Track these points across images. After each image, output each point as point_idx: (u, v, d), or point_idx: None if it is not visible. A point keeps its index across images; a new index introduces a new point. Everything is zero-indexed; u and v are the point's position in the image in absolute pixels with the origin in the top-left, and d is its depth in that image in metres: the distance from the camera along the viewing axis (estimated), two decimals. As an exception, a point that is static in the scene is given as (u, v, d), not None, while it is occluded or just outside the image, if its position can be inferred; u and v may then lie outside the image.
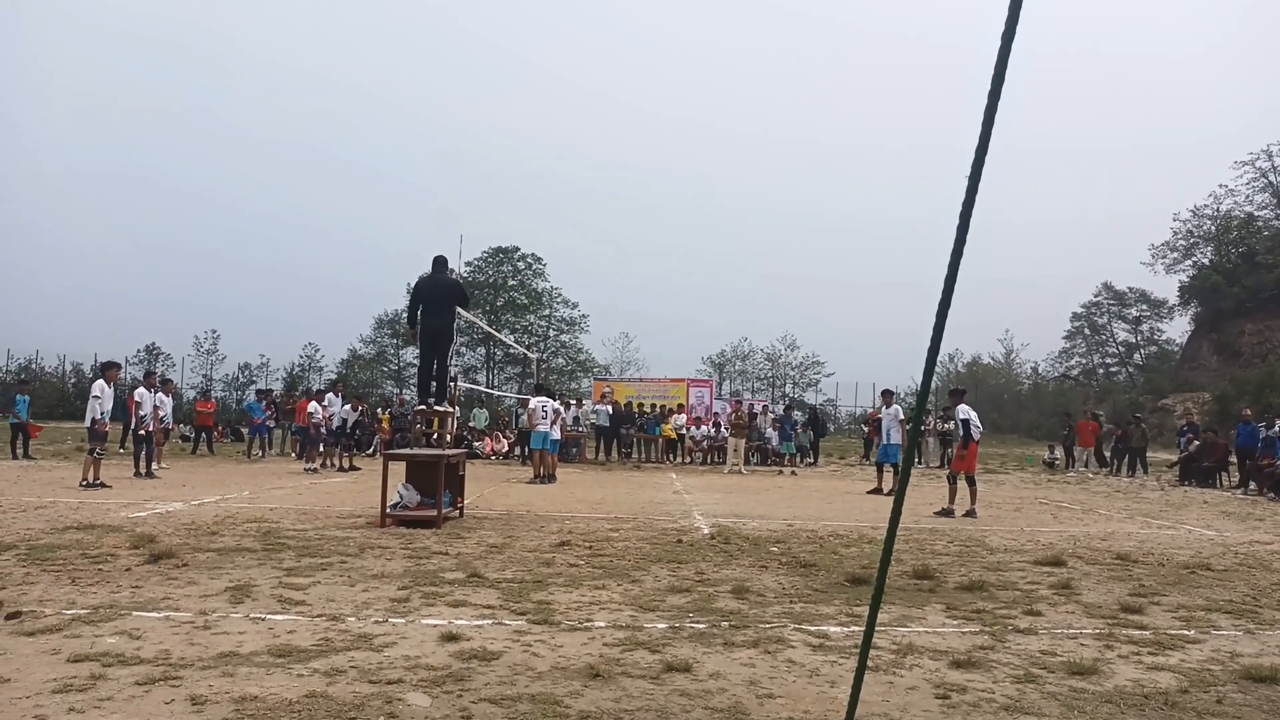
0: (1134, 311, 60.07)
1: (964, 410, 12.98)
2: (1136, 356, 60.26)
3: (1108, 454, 25.10)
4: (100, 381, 14.27)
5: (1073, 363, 61.88)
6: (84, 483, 12.86)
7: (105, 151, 76.45)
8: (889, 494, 15.46)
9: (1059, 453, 26.96)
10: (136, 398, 15.54)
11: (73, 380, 47.07)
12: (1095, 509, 14.19)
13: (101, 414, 13.78)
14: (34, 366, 46.44)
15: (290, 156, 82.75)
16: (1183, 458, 21.87)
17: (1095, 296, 60.46)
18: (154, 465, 15.34)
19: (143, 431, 15.18)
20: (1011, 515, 12.87)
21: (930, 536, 10.03)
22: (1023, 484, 19.76)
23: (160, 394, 16.49)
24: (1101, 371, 61.10)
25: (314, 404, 18.74)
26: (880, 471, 16.28)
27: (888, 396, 16.85)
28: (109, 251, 73.20)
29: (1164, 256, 54.83)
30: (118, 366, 16.17)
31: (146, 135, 78.93)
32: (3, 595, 5.67)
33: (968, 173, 2.60)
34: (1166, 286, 57.47)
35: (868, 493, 15.87)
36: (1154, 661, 4.97)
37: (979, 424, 12.99)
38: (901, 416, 15.99)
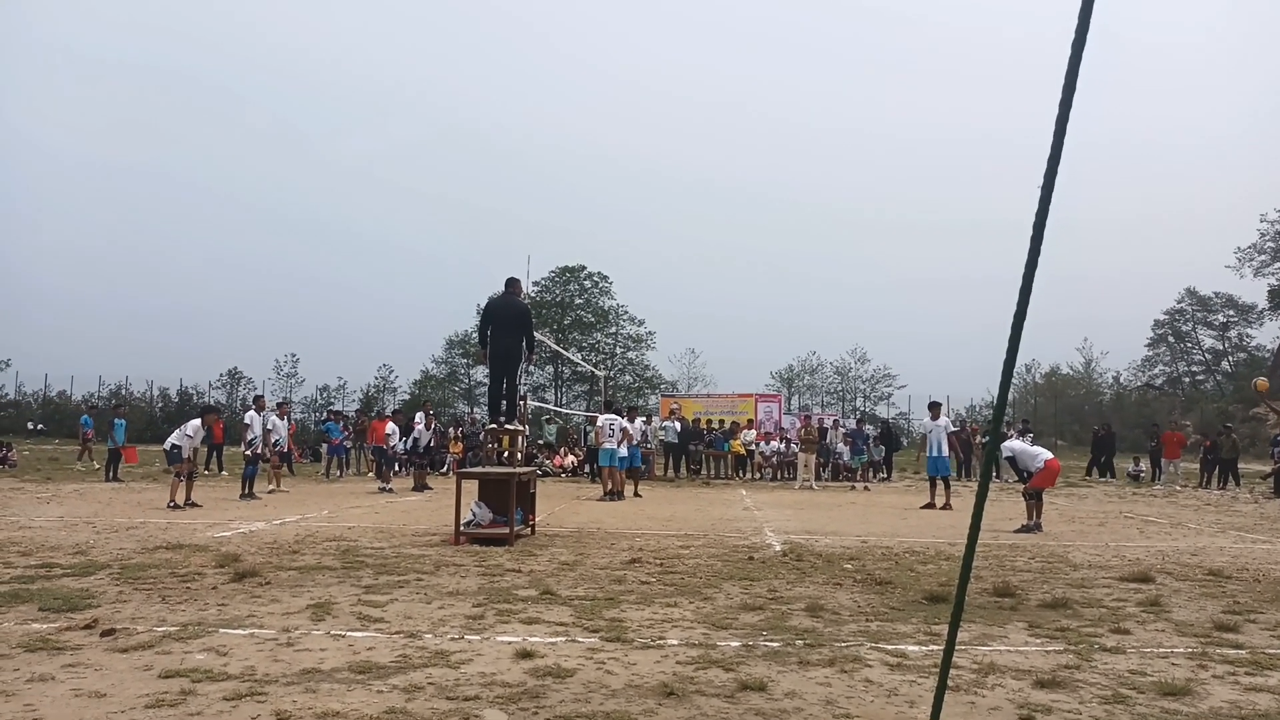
0: (1220, 317, 57.76)
1: (1007, 448, 12.78)
2: (1224, 364, 57.91)
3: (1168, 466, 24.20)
4: (263, 413, 16.53)
5: (1156, 371, 59.81)
6: (172, 504, 13.29)
7: (188, 173, 79.23)
8: (943, 508, 15.18)
9: (1144, 465, 26.09)
10: (247, 420, 16.17)
11: (160, 404, 48.82)
12: (1184, 523, 13.67)
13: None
14: (124, 392, 48.27)
15: (367, 177, 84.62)
16: (1277, 469, 20.99)
17: (1178, 302, 58.38)
18: (254, 488, 15.78)
19: (250, 453, 15.71)
20: (1095, 530, 12.47)
21: (1011, 553, 9.78)
22: (1106, 498, 19.14)
23: (274, 416, 17.09)
24: (1188, 380, 58.92)
25: (421, 421, 19.44)
26: (933, 486, 15.96)
27: (935, 409, 16.56)
28: (194, 277, 75.88)
29: (1251, 259, 52.74)
30: (261, 397, 17.73)
31: (229, 154, 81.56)
32: (98, 613, 5.90)
33: (1040, 183, 2.55)
34: (1255, 291, 55.20)
35: (921, 508, 15.54)
36: (1251, 682, 4.76)
37: (1034, 450, 12.62)
38: (953, 428, 15.70)
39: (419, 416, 20.15)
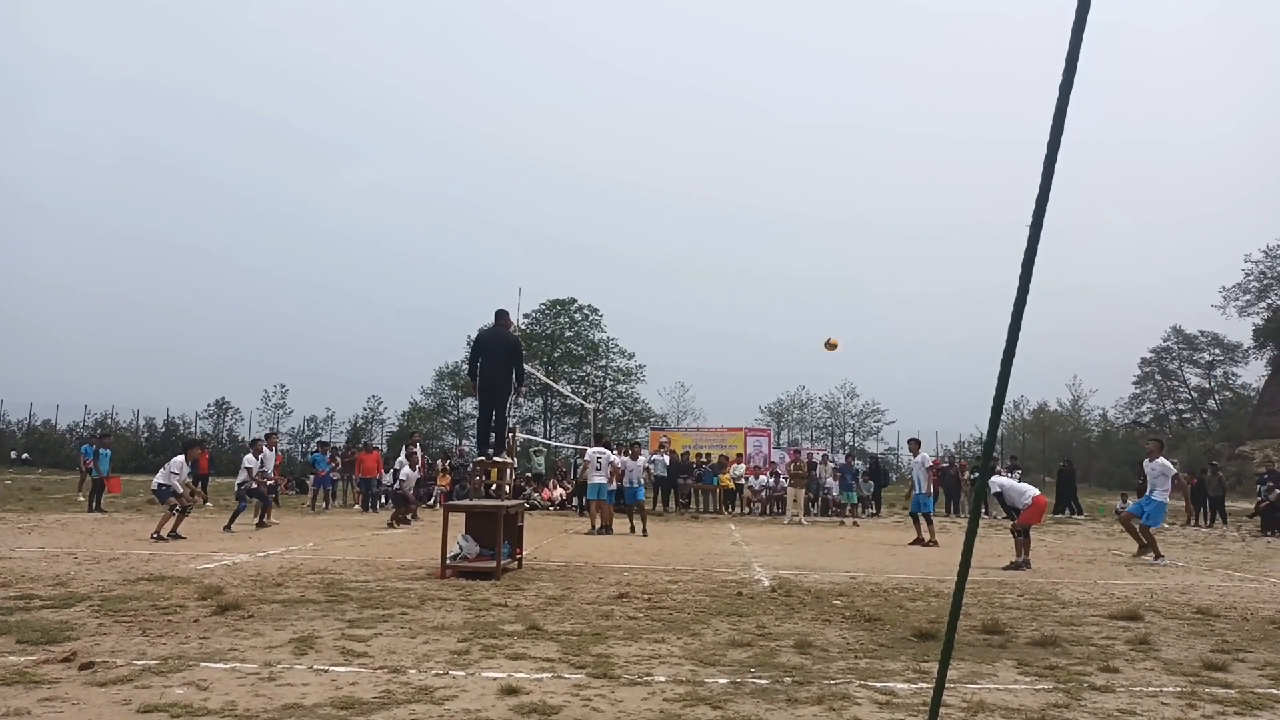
0: (1206, 356, 58.30)
1: (995, 483, 12.97)
2: (1211, 402, 58.33)
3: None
4: (259, 455, 16.50)
5: (1144, 409, 60.14)
6: (156, 535, 13.14)
7: (179, 201, 79.42)
8: (929, 544, 15.21)
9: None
10: (246, 464, 16.23)
11: (145, 434, 48.46)
12: (1172, 561, 13.65)
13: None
14: (109, 421, 47.91)
15: (360, 206, 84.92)
16: (1264, 507, 21.04)
17: (1165, 341, 58.92)
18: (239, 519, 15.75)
19: (241, 489, 15.79)
20: (1084, 567, 12.46)
21: (999, 590, 9.75)
22: (1095, 535, 19.15)
23: (263, 447, 17.13)
24: (1174, 418, 59.22)
25: (406, 469, 19.03)
26: (917, 522, 15.88)
27: (914, 445, 16.66)
28: (179, 308, 75.76)
29: (1236, 299, 53.45)
30: (259, 440, 17.84)
31: (218, 181, 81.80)
32: (77, 645, 5.80)
33: (1029, 221, 2.58)
34: (1240, 330, 55.80)
35: (909, 544, 15.52)
36: (1241, 722, 4.73)
37: (1021, 486, 12.83)
38: (929, 464, 16.14)
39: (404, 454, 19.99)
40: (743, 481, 25.28)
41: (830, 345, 13.88)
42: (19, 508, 19.22)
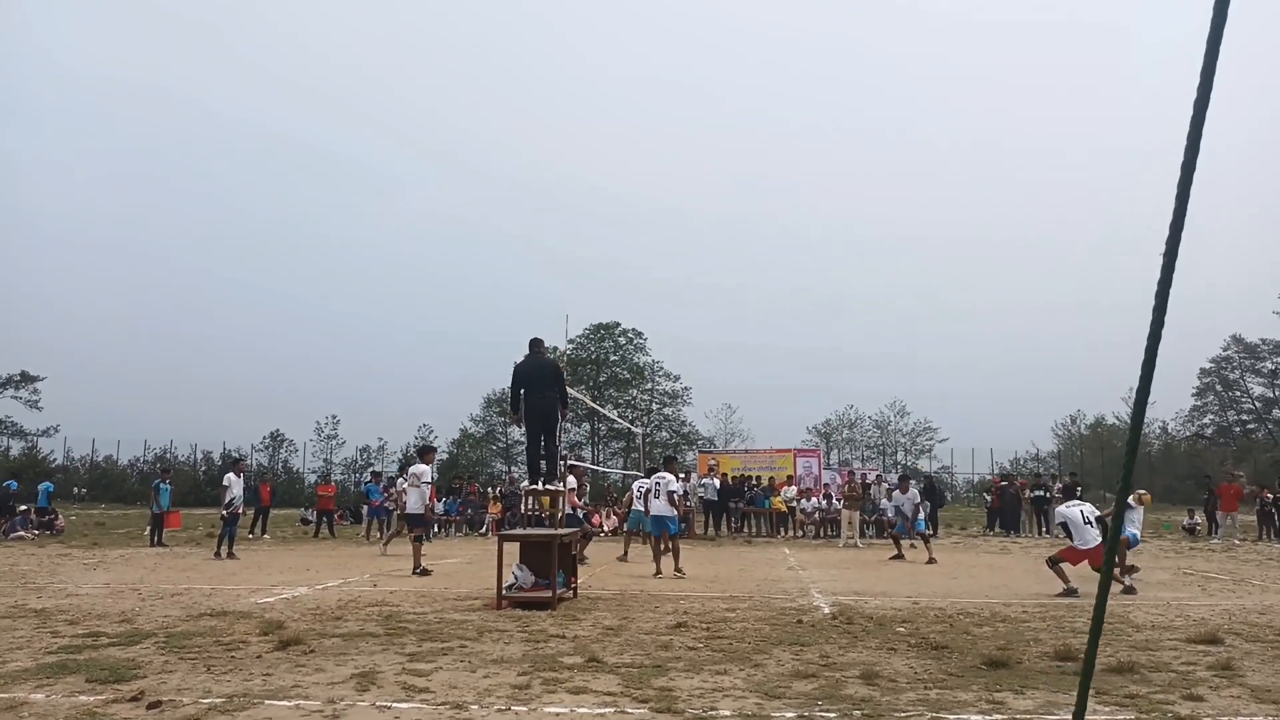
0: (1269, 364, 56.56)
1: (1062, 515, 13.20)
2: (1276, 412, 56.49)
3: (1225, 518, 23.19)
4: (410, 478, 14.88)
5: (1205, 421, 58.45)
6: (419, 570, 13.37)
7: (236, 229, 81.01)
8: (896, 558, 16.67)
9: (1199, 518, 25.35)
10: (225, 482, 16.54)
11: (203, 469, 49.35)
12: (1248, 579, 13.18)
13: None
14: (169, 455, 48.91)
15: (410, 233, 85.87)
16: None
17: (1224, 350, 57.28)
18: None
19: (225, 514, 16.27)
20: (1155, 588, 12.05)
21: (1068, 613, 9.46)
22: (1163, 553, 18.56)
23: (230, 474, 17.16)
24: (1238, 429, 57.46)
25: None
26: (897, 541, 17.74)
27: (904, 483, 19.43)
28: (231, 340, 77.23)
29: (1298, 305, 51.78)
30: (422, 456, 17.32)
31: (272, 214, 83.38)
32: (144, 684, 5.86)
33: (1163, 248, 2.42)
34: (1304, 338, 54.06)
35: (889, 559, 16.73)
36: (1342, 755, 4.50)
37: (1086, 532, 12.82)
38: (918, 500, 18.40)
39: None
40: (795, 504, 24.98)
41: None
42: (84, 543, 19.64)
